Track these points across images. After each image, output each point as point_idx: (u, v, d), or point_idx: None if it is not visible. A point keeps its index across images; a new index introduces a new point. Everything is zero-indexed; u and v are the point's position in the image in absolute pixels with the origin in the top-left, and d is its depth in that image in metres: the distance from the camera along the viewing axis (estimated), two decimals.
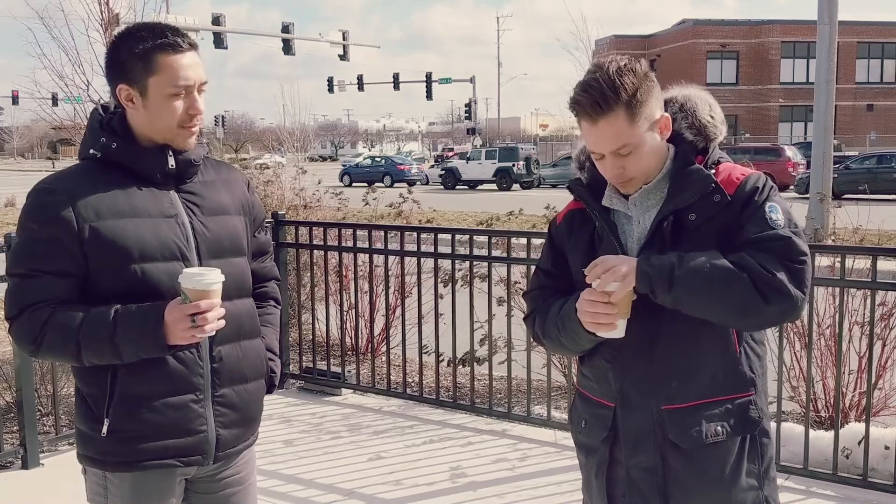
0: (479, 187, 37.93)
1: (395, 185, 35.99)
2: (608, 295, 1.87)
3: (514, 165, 37.18)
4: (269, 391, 2.30)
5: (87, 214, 1.96)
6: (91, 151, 2.06)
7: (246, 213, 2.25)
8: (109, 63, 2.06)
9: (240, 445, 2.20)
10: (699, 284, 1.84)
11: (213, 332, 1.97)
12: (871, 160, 27.82)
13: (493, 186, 37.23)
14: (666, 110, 1.99)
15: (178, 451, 2.07)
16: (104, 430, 2.01)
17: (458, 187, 38.25)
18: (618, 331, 1.92)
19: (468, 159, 39.90)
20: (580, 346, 2.04)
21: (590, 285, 1.90)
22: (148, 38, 2.01)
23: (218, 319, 1.95)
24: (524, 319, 2.21)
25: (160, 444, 2.04)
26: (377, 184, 13.82)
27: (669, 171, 1.99)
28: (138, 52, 2.00)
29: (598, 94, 1.85)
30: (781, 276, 1.83)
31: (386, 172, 40.28)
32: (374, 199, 7.27)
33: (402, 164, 42.70)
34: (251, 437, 2.26)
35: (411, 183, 38.46)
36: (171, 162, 2.06)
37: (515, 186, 37.06)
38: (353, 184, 36.35)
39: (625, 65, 1.88)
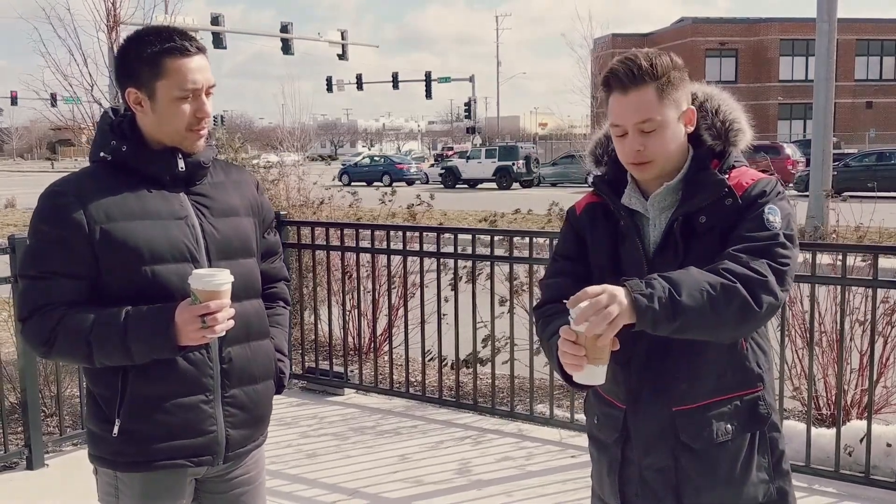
0: (479, 186, 37.91)
1: (394, 184, 35.99)
2: (576, 335, 1.72)
3: (513, 164, 37.16)
4: (278, 391, 2.32)
5: (98, 216, 1.98)
6: (101, 154, 2.07)
7: (255, 214, 2.26)
8: (118, 67, 2.09)
9: (249, 445, 2.22)
10: (703, 305, 1.76)
11: (224, 333, 1.98)
12: (870, 157, 27.84)
13: (493, 185, 37.21)
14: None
15: (189, 451, 2.08)
16: (115, 430, 2.03)
17: (458, 186, 38.23)
18: (592, 377, 1.76)
19: (468, 158, 39.89)
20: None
21: (612, 278, 1.82)
22: (156, 42, 2.02)
23: (228, 320, 1.96)
24: (534, 309, 2.21)
25: (171, 445, 2.06)
26: (376, 182, 13.84)
27: (686, 173, 2.01)
28: (146, 56, 2.02)
29: (634, 66, 1.94)
30: (771, 278, 1.83)
31: (385, 172, 40.25)
32: (381, 199, 7.30)
33: (400, 164, 42.69)
34: (260, 438, 2.28)
35: (410, 182, 38.55)
36: (181, 164, 2.08)
37: (515, 185, 37.05)
38: (352, 183, 36.35)
39: (662, 52, 1.99)
